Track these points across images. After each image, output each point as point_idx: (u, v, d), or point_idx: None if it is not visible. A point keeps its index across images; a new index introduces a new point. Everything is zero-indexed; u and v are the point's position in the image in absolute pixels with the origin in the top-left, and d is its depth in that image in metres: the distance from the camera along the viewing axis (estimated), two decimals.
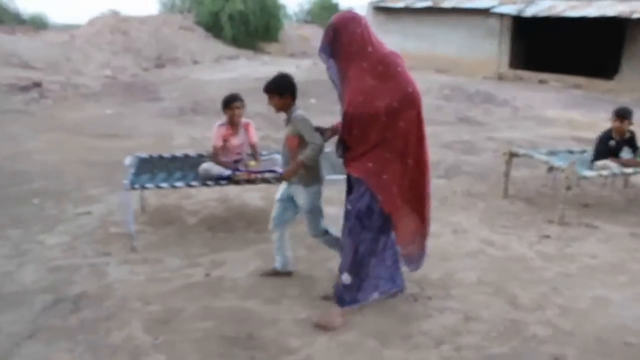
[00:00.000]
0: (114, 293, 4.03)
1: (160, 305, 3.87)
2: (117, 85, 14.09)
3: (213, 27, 23.66)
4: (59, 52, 16.55)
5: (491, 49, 18.20)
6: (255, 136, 5.36)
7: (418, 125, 3.43)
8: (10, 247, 4.75)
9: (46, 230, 5.13)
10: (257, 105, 11.84)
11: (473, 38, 18.49)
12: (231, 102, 5.06)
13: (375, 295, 3.82)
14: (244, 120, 5.23)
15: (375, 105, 3.33)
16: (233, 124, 5.15)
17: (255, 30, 24.61)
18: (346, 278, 3.69)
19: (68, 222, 5.33)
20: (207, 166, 5.01)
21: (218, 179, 4.93)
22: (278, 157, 5.34)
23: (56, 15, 74.50)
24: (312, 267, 4.48)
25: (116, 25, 20.15)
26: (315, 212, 3.98)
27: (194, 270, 4.43)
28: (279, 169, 5.06)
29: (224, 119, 5.17)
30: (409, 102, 3.36)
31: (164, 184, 4.84)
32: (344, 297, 3.72)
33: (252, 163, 5.18)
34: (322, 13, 32.53)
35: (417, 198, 3.59)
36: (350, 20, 3.42)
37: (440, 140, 9.07)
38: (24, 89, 12.57)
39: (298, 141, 3.81)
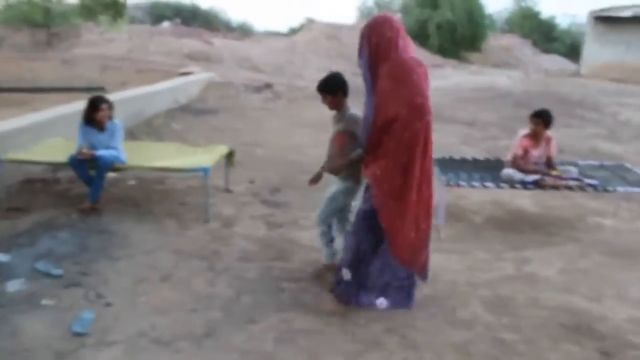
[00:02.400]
0: (442, 277, 4.41)
1: (489, 292, 4.19)
2: None
3: (419, 35, 24.10)
4: (282, 56, 18.02)
5: None
6: (554, 150, 5.59)
7: (424, 138, 3.36)
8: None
9: None
10: (488, 114, 12.12)
11: None
12: (537, 117, 5.40)
13: (384, 303, 3.83)
14: (546, 134, 5.49)
15: (388, 110, 3.33)
16: (536, 136, 5.44)
17: (461, 40, 24.60)
18: (346, 273, 3.79)
19: None
20: (510, 172, 5.33)
21: (524, 183, 5.21)
22: (572, 169, 5.52)
23: (258, 23, 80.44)
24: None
25: (330, 32, 21.49)
26: (333, 202, 4.08)
27: (503, 264, 4.72)
28: (587, 180, 5.24)
29: (527, 129, 5.51)
30: (416, 113, 3.30)
31: (475, 183, 5.20)
32: (347, 294, 3.83)
33: (554, 172, 5.38)
34: (522, 22, 31.39)
35: (423, 214, 3.57)
36: (381, 23, 3.42)
37: None
38: (258, 89, 13.92)
39: (347, 139, 3.94)
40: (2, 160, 5.27)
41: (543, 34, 31.01)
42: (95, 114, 5.29)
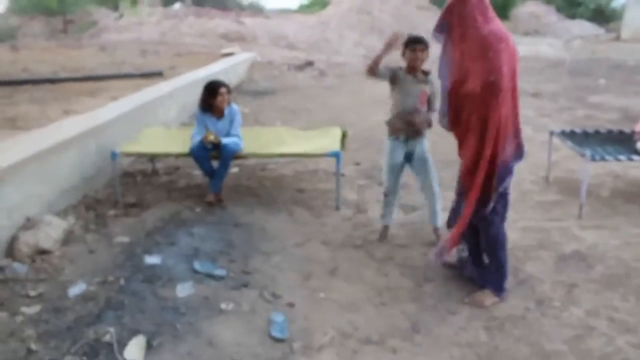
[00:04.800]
0: (607, 254, 4.23)
1: None
2: None
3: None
4: (315, 33, 17.59)
5: None
6: None
7: (499, 114, 3.25)
8: None
9: None
10: (549, 85, 11.85)
11: None
12: None
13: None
14: None
15: (464, 87, 3.32)
16: None
17: (494, 7, 23.74)
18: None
19: None
20: None
21: None
22: None
23: (269, 1, 78.46)
24: None
25: (360, 6, 21.01)
26: (429, 161, 4.29)
27: None
28: None
29: None
30: (489, 91, 3.22)
31: (622, 157, 4.96)
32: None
33: None
34: None
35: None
36: (460, 1, 3.32)
37: None
38: (300, 67, 13.59)
39: (428, 100, 4.19)
40: (116, 154, 5.00)
41: (566, 0, 30.41)
42: (213, 100, 5.02)
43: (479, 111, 3.30)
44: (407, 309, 3.47)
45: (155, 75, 9.44)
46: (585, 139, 5.53)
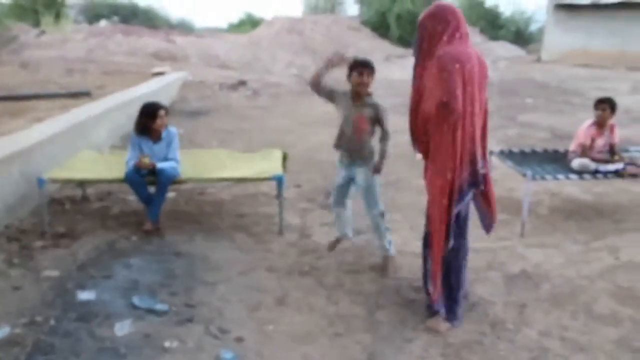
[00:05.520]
0: (552, 272, 4.27)
1: (608, 284, 4.09)
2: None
3: (380, 26, 23.97)
4: (247, 52, 17.43)
5: None
6: (618, 137, 5.53)
7: (452, 138, 3.17)
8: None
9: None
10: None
11: None
12: (603, 103, 5.35)
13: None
14: (610, 121, 5.44)
15: (422, 108, 3.26)
16: (601, 124, 5.41)
17: None
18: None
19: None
20: (584, 162, 5.25)
21: (605, 172, 5.15)
22: (638, 155, 5.50)
23: (197, 20, 77.49)
24: None
25: (292, 26, 21.01)
26: (372, 189, 4.12)
27: (598, 254, 4.64)
28: None
29: (591, 119, 5.48)
30: (441, 113, 3.13)
31: (560, 176, 5.07)
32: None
33: (616, 158, 5.40)
34: (469, 11, 31.85)
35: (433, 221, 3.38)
36: (430, 16, 3.25)
37: None
38: (232, 87, 13.38)
39: (369, 125, 4.02)
40: (43, 180, 4.64)
41: (489, 22, 31.70)
42: (152, 123, 4.77)
43: (433, 134, 3.21)
44: (362, 339, 3.34)
45: (82, 95, 8.98)
46: (524, 159, 5.64)
